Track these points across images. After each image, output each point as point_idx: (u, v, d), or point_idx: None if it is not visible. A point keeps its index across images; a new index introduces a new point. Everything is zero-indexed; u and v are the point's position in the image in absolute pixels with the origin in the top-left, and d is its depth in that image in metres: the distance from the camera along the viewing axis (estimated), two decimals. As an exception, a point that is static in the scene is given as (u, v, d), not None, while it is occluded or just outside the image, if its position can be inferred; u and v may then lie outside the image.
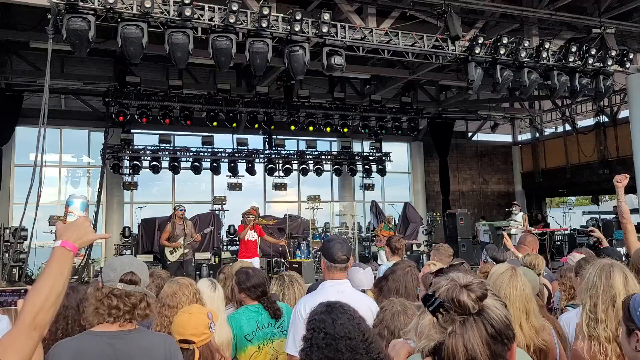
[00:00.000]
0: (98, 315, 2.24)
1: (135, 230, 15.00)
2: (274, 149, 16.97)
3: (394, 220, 15.43)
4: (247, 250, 10.56)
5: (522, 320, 2.70)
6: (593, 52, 11.83)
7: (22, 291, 2.38)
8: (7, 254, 11.89)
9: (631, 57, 12.30)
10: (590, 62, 11.86)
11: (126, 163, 15.13)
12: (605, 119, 18.88)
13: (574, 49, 11.66)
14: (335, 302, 2.20)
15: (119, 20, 8.50)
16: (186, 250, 10.59)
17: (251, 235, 10.62)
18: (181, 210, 10.80)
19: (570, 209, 19.48)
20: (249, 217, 10.66)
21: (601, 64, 12.02)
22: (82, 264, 12.99)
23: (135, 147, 15.22)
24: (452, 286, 1.24)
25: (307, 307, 3.06)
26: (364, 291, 4.03)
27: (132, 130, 15.24)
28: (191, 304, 3.16)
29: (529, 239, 6.12)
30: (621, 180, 4.53)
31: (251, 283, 3.80)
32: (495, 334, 1.20)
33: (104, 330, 2.22)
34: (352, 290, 3.26)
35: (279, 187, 17.06)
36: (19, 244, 11.89)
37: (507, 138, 23.07)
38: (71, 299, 2.96)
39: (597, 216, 17.66)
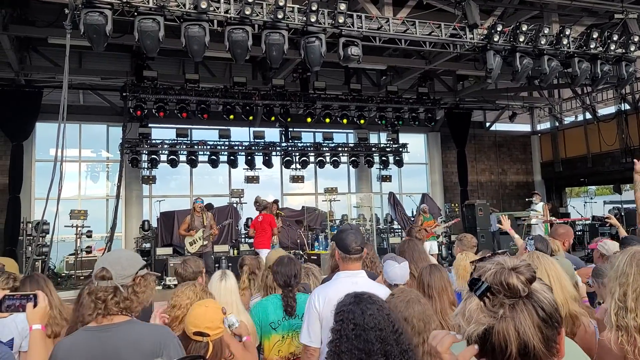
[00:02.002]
0: (86, 314, 2.31)
1: (154, 224, 15.13)
2: (290, 141, 16.95)
3: (428, 209, 15.30)
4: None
5: None
6: (615, 38, 11.61)
7: (31, 296, 2.40)
8: (30, 248, 12.09)
9: (654, 42, 12.04)
10: (612, 48, 11.63)
11: (144, 157, 15.25)
12: (627, 107, 18.52)
13: (595, 35, 11.44)
14: (363, 292, 2.17)
15: (136, 14, 8.54)
16: (205, 242, 10.69)
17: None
18: (198, 204, 10.94)
19: (591, 198, 19.20)
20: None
21: (623, 50, 11.78)
22: (102, 258, 13.14)
23: (153, 141, 15.33)
24: (500, 269, 1.21)
25: (321, 298, 3.06)
26: (396, 286, 4.00)
27: (149, 125, 15.35)
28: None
29: (560, 231, 5.24)
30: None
31: (277, 268, 3.81)
32: (546, 317, 1.18)
33: (95, 325, 2.27)
34: (366, 281, 3.21)
35: (296, 179, 17.07)
36: (41, 238, 12.08)
37: (526, 128, 22.78)
38: None
39: (619, 205, 17.38)
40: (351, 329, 2.01)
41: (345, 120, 16.29)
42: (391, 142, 18.25)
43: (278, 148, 16.93)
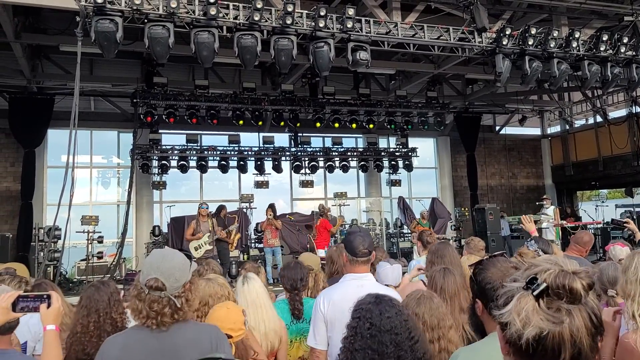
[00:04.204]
0: (133, 314, 2.29)
1: (164, 229, 15.19)
2: (299, 146, 16.98)
3: (427, 216, 15.32)
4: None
5: None
6: (625, 40, 11.55)
7: (45, 296, 2.41)
8: (42, 253, 12.19)
9: (665, 44, 11.95)
10: (622, 51, 11.57)
11: (155, 163, 15.33)
12: (638, 109, 18.37)
13: (605, 38, 11.39)
14: (384, 295, 2.18)
15: (146, 21, 8.62)
16: (211, 247, 10.75)
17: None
18: (204, 209, 11.01)
19: (602, 202, 19.04)
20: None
21: (634, 53, 11.73)
22: (113, 262, 13.23)
23: (163, 147, 15.42)
24: (561, 272, 1.17)
25: (326, 300, 3.04)
26: (387, 286, 3.99)
27: (160, 131, 15.43)
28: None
29: (585, 239, 5.11)
30: None
31: (284, 272, 3.82)
32: (598, 325, 1.16)
33: (149, 325, 2.25)
34: (373, 284, 3.16)
35: (305, 184, 17.09)
36: (53, 244, 12.18)
37: (536, 131, 22.65)
38: (102, 293, 3.03)
39: (631, 209, 17.22)
40: (367, 328, 2.02)
41: (354, 125, 16.29)
42: (400, 147, 18.22)
43: (287, 153, 16.97)
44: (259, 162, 16.34)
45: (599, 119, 20.18)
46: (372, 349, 1.97)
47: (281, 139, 17.16)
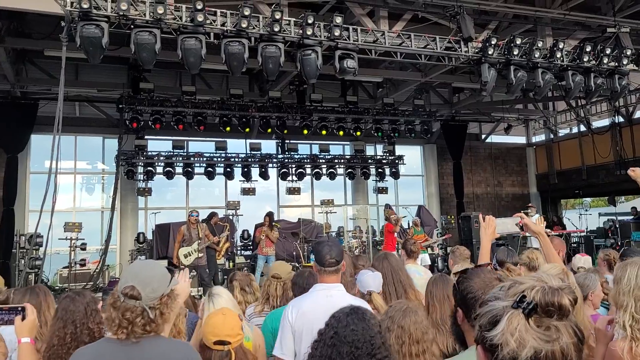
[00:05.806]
0: (107, 323, 2.25)
1: (149, 236, 15.06)
2: (287, 153, 16.97)
3: (420, 222, 15.33)
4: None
5: None
6: (608, 51, 11.70)
7: (19, 309, 2.37)
8: (22, 261, 12.00)
9: (647, 56, 12.14)
10: (605, 61, 11.72)
11: (140, 169, 15.20)
12: (621, 119, 18.63)
13: (588, 49, 11.53)
14: (362, 308, 2.16)
15: (132, 26, 8.56)
16: (200, 255, 10.64)
17: None
18: (194, 217, 10.91)
19: (586, 210, 19.23)
20: None
21: (616, 64, 11.88)
22: (97, 270, 13.07)
23: (149, 153, 15.30)
24: (548, 288, 1.16)
25: (294, 311, 3.03)
26: (370, 293, 3.98)
27: (145, 137, 15.33)
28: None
29: (555, 242, 5.23)
30: (635, 170, 4.26)
31: (297, 280, 3.91)
32: (582, 338, 1.15)
33: (118, 337, 2.21)
34: (341, 295, 3.13)
35: (292, 191, 17.06)
36: (34, 251, 12.00)
37: (521, 140, 22.86)
38: (78, 304, 2.98)
39: (614, 217, 17.41)
40: (330, 336, 2.01)
41: (341, 132, 16.33)
42: (387, 154, 18.29)
43: (274, 160, 16.94)
44: (245, 169, 16.28)
45: (582, 128, 20.43)
46: (330, 358, 1.95)
47: (268, 146, 17.16)
